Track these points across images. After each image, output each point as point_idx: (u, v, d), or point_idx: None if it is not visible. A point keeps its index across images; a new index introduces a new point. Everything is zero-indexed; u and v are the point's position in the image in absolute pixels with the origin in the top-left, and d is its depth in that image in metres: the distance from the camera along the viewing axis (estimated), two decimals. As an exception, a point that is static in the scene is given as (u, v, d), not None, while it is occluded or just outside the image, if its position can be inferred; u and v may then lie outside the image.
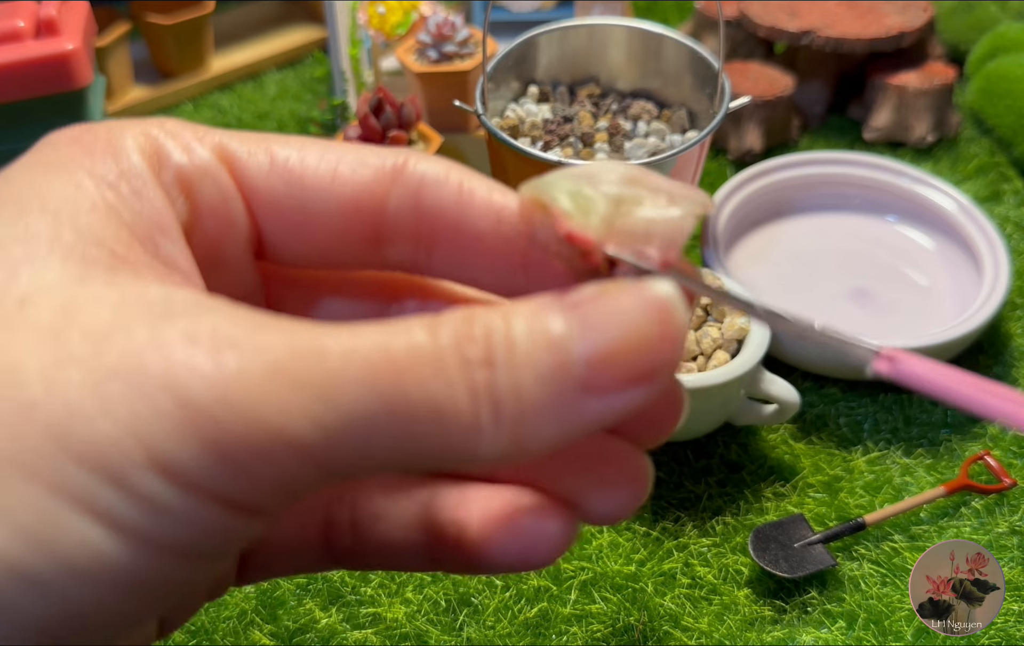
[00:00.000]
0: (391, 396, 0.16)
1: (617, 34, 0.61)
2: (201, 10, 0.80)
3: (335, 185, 0.21)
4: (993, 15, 0.82)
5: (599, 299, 0.18)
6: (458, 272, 0.22)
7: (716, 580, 0.46)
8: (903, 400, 0.55)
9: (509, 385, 0.17)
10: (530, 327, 0.17)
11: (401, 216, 0.21)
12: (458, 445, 0.17)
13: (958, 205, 0.61)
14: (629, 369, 0.17)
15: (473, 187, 0.21)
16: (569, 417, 0.17)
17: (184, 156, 0.20)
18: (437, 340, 0.17)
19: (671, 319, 0.18)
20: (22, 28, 0.59)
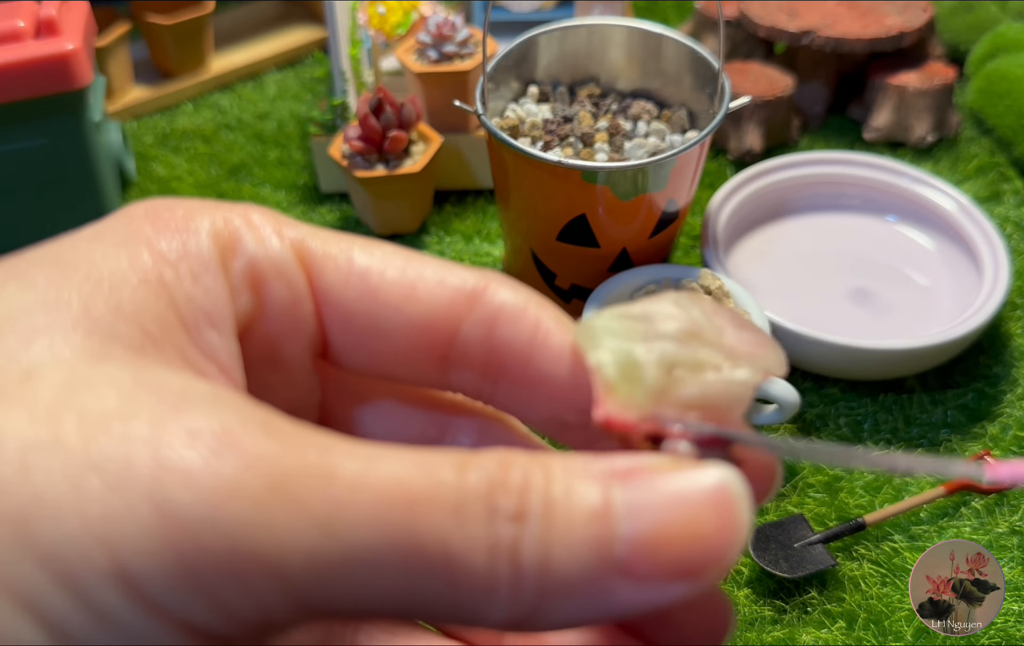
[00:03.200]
0: (399, 535, 0.15)
1: (617, 34, 0.61)
2: (201, 10, 0.80)
3: (409, 304, 0.20)
4: (993, 15, 0.82)
5: (654, 476, 0.16)
6: (521, 410, 0.21)
7: (716, 580, 0.46)
8: (903, 400, 0.55)
9: (537, 549, 0.15)
10: (573, 489, 0.16)
11: (472, 344, 0.20)
12: (466, 603, 0.15)
13: (958, 205, 0.61)
14: (675, 561, 0.16)
15: (550, 329, 0.20)
16: (597, 600, 0.16)
17: (260, 249, 0.19)
18: (464, 480, 0.15)
19: (731, 512, 0.16)
20: (22, 28, 0.59)
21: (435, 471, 0.15)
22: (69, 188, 0.64)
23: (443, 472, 0.15)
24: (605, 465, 0.16)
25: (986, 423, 0.53)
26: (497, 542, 0.15)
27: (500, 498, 0.15)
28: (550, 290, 0.59)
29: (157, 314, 0.17)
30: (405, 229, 0.67)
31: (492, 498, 0.15)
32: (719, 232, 0.60)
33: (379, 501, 0.15)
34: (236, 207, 0.20)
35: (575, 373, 0.20)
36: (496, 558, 0.15)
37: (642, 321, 0.19)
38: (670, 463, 0.16)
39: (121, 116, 0.79)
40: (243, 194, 0.72)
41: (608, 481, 0.16)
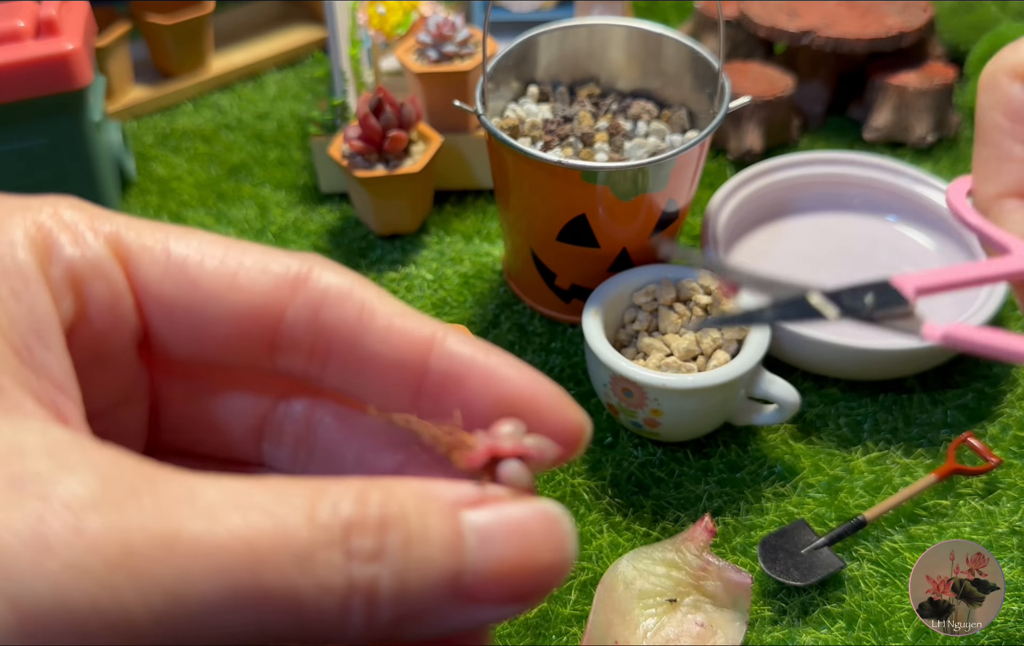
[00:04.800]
0: (244, 590, 0.15)
1: (617, 34, 0.61)
2: (201, 10, 0.80)
3: (231, 292, 0.20)
4: (993, 15, 0.82)
5: (498, 507, 0.18)
6: (350, 389, 0.22)
7: (716, 580, 0.46)
8: (903, 400, 0.55)
9: (394, 585, 0.16)
10: (428, 522, 0.17)
11: (298, 329, 0.21)
12: (319, 637, 0.16)
13: (958, 205, 0.61)
14: (514, 587, 0.17)
15: (375, 309, 0.21)
16: (443, 623, 0.17)
17: (76, 250, 0.19)
18: (314, 524, 0.16)
19: (562, 544, 0.18)
20: (22, 28, 0.59)
21: (283, 518, 0.16)
22: (69, 188, 0.64)
23: (291, 518, 0.16)
24: (455, 494, 0.18)
25: (986, 423, 0.53)
26: (352, 583, 0.16)
27: (356, 538, 0.16)
28: (550, 290, 0.59)
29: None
30: (405, 229, 0.67)
31: (348, 540, 0.16)
32: (719, 232, 0.60)
33: (222, 561, 0.15)
34: (45, 205, 0.19)
35: (399, 351, 0.21)
36: (351, 596, 0.16)
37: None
38: (510, 494, 0.18)
39: (121, 116, 0.79)
40: (243, 194, 0.72)
41: (458, 510, 0.17)
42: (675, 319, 0.53)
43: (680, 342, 0.51)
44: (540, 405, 0.21)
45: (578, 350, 0.58)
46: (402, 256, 0.66)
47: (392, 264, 0.65)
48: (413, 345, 0.21)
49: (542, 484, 0.51)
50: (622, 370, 0.48)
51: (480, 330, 0.60)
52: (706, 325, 0.29)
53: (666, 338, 0.52)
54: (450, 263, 0.65)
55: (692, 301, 0.53)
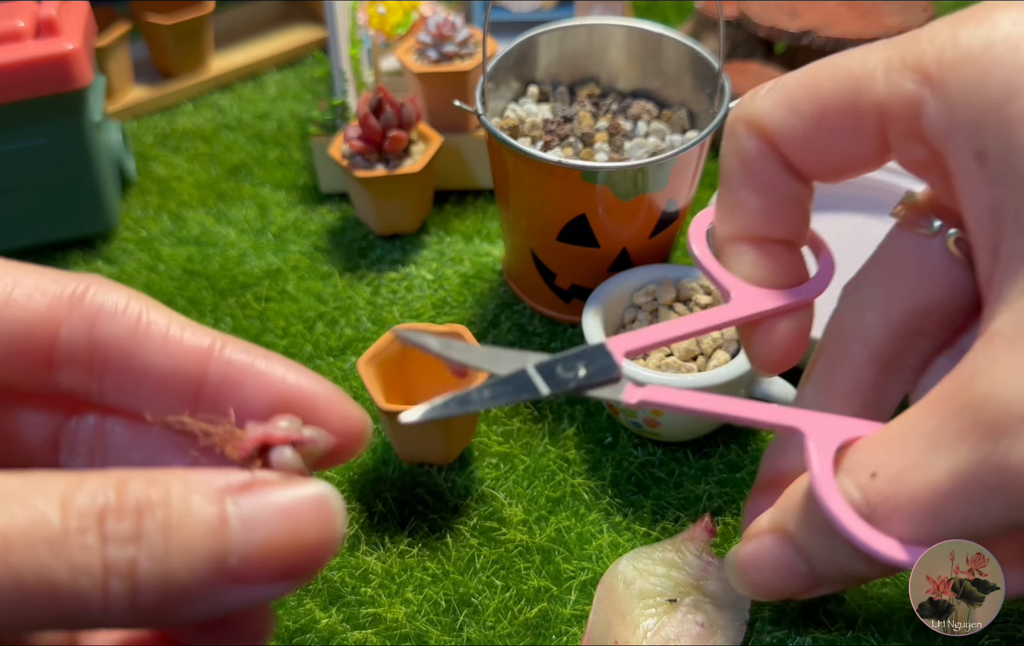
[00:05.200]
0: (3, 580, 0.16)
1: (617, 34, 0.61)
2: (201, 10, 0.80)
3: (5, 310, 0.21)
4: (993, 15, 0.82)
5: (265, 490, 0.18)
6: (130, 400, 0.22)
7: (716, 580, 0.46)
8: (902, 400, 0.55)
9: (155, 566, 0.17)
10: (191, 505, 0.17)
11: (74, 345, 0.21)
12: (80, 618, 0.17)
13: (958, 205, 0.61)
14: (281, 566, 0.18)
15: (151, 320, 0.21)
16: (212, 603, 0.17)
17: None
18: (68, 512, 0.16)
19: (330, 522, 0.18)
20: (22, 28, 0.59)
21: (35, 509, 0.16)
22: (69, 188, 0.64)
23: (46, 507, 0.16)
24: (222, 480, 0.18)
25: (986, 423, 0.53)
26: (109, 565, 0.16)
27: (112, 522, 0.17)
28: (550, 290, 0.59)
29: None
30: (405, 229, 0.67)
31: (103, 523, 0.17)
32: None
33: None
34: None
35: (177, 360, 0.21)
36: (109, 578, 0.16)
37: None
38: (280, 478, 0.19)
39: (121, 116, 0.79)
40: (243, 194, 0.72)
41: (224, 496, 0.18)
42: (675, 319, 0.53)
43: (680, 342, 0.51)
44: (318, 403, 0.21)
45: (578, 350, 0.58)
46: (402, 256, 0.66)
47: (392, 264, 0.65)
48: (190, 354, 0.21)
49: (543, 485, 0.51)
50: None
51: (480, 330, 0.60)
52: (429, 415, 0.27)
53: (666, 338, 0.52)
54: (450, 263, 0.65)
55: (692, 301, 0.53)
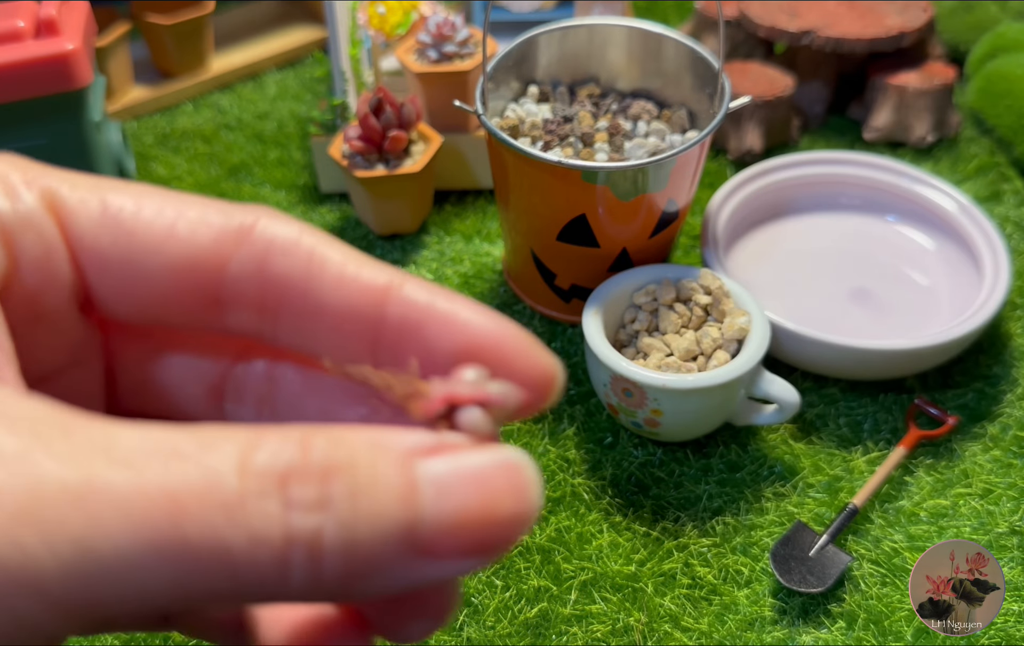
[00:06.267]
0: (162, 541, 0.14)
1: (617, 34, 0.61)
2: (201, 10, 0.80)
3: (169, 243, 0.19)
4: (993, 15, 0.82)
5: (456, 455, 0.16)
6: (304, 344, 0.20)
7: (716, 580, 0.46)
8: (903, 400, 0.55)
9: (341, 537, 0.15)
10: (378, 470, 0.16)
11: (243, 282, 0.19)
12: (256, 592, 0.15)
13: (958, 205, 0.61)
14: (473, 540, 0.16)
15: (325, 256, 0.19)
16: (397, 578, 0.16)
17: (7, 203, 0.18)
18: (247, 474, 0.15)
19: (524, 494, 0.16)
20: (22, 28, 0.59)
21: (212, 466, 0.15)
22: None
23: (222, 466, 0.15)
24: (409, 441, 0.16)
25: (986, 423, 0.53)
26: (291, 534, 0.15)
27: (296, 488, 0.15)
28: (550, 290, 0.59)
29: None
30: (405, 229, 0.67)
31: (285, 487, 0.15)
32: (719, 232, 0.60)
33: (139, 510, 0.14)
34: None
35: (353, 300, 0.19)
36: (291, 550, 0.15)
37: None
38: (469, 442, 0.17)
39: (121, 116, 0.79)
40: (243, 194, 0.72)
41: (412, 459, 0.16)
42: (675, 319, 0.53)
43: (680, 342, 0.51)
44: (505, 350, 0.19)
45: (578, 350, 0.58)
46: (402, 256, 0.66)
47: (392, 264, 0.65)
48: (367, 293, 0.19)
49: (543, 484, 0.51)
50: (622, 370, 0.48)
51: (480, 330, 0.60)
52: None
53: (666, 338, 0.52)
54: (450, 263, 0.65)
55: (692, 301, 0.53)
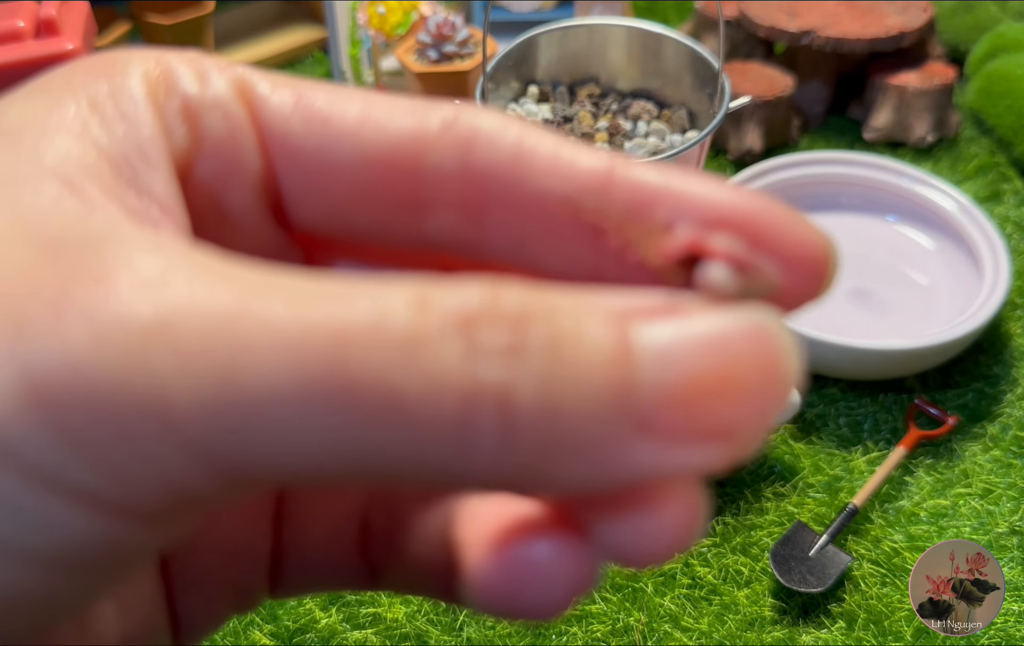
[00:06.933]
0: (323, 378, 0.12)
1: (617, 34, 0.61)
2: (201, 10, 0.80)
3: (364, 130, 0.17)
4: (993, 15, 0.82)
5: (685, 316, 0.13)
6: (517, 248, 0.17)
7: (716, 580, 0.46)
8: (903, 400, 0.55)
9: (538, 391, 0.12)
10: (584, 326, 0.13)
11: (445, 174, 0.16)
12: (433, 459, 0.12)
13: (958, 205, 0.61)
14: (709, 417, 0.13)
15: (536, 142, 0.16)
16: (610, 461, 0.13)
17: (196, 85, 0.17)
18: (425, 310, 0.12)
19: (776, 361, 0.13)
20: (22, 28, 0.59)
21: (384, 300, 0.12)
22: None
23: (393, 302, 0.12)
24: (625, 301, 0.13)
25: (986, 423, 0.53)
26: (477, 382, 0.12)
27: (485, 331, 0.12)
28: (550, 290, 0.59)
29: (76, 158, 0.15)
30: (405, 229, 0.67)
31: (471, 330, 0.12)
32: (719, 232, 0.60)
33: (298, 341, 0.12)
34: (173, 50, 0.17)
35: (572, 185, 0.16)
36: (476, 404, 0.12)
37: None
38: (704, 302, 0.13)
39: (121, 116, 0.79)
40: (243, 194, 0.72)
41: (628, 320, 0.13)
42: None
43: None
44: (762, 225, 0.15)
45: (578, 350, 0.58)
46: (402, 256, 0.66)
47: (392, 264, 0.65)
48: (586, 178, 0.16)
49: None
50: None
51: (480, 330, 0.60)
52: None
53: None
54: (450, 263, 0.65)
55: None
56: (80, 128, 0.16)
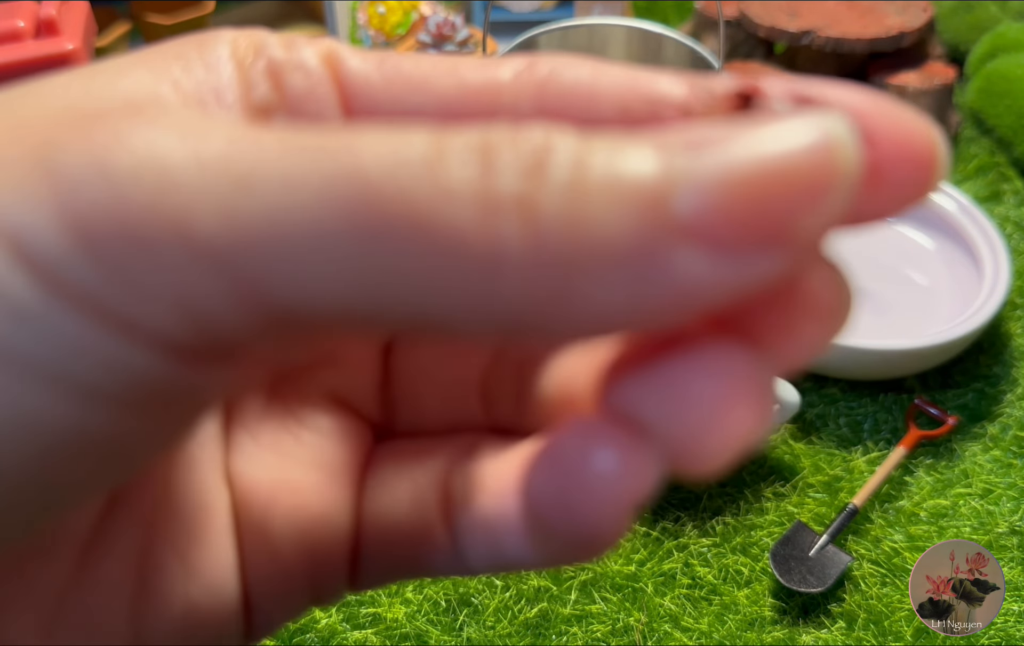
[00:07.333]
0: (345, 193, 0.11)
1: (617, 34, 0.61)
2: (201, 10, 0.80)
3: (442, 78, 0.16)
4: (993, 15, 0.82)
5: (734, 135, 0.12)
6: None
7: (716, 580, 0.46)
8: (903, 400, 0.55)
9: (563, 200, 0.11)
10: (617, 153, 0.12)
11: (521, 109, 0.16)
12: (456, 280, 0.12)
13: (958, 205, 0.61)
14: (757, 215, 0.11)
15: (611, 71, 0.16)
16: (650, 276, 0.11)
17: (283, 52, 0.17)
18: (442, 141, 0.12)
19: (831, 150, 0.11)
20: (22, 28, 0.59)
21: (403, 134, 0.12)
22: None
23: (412, 134, 0.12)
24: (670, 133, 0.12)
25: (986, 423, 0.53)
26: (496, 192, 0.11)
27: (505, 152, 0.12)
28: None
29: (152, 90, 0.15)
30: (405, 229, 0.67)
31: (491, 151, 0.12)
32: (719, 232, 0.60)
33: (317, 156, 0.12)
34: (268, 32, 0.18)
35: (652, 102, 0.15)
36: (496, 213, 0.11)
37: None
38: (754, 120, 0.12)
39: (121, 116, 0.79)
40: (243, 194, 0.72)
41: (671, 149, 0.12)
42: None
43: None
44: (865, 117, 0.13)
45: (578, 350, 0.58)
46: (402, 256, 0.66)
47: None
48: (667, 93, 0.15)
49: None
50: (622, 370, 0.48)
51: (480, 330, 0.60)
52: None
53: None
54: (450, 263, 0.65)
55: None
56: (161, 67, 0.16)
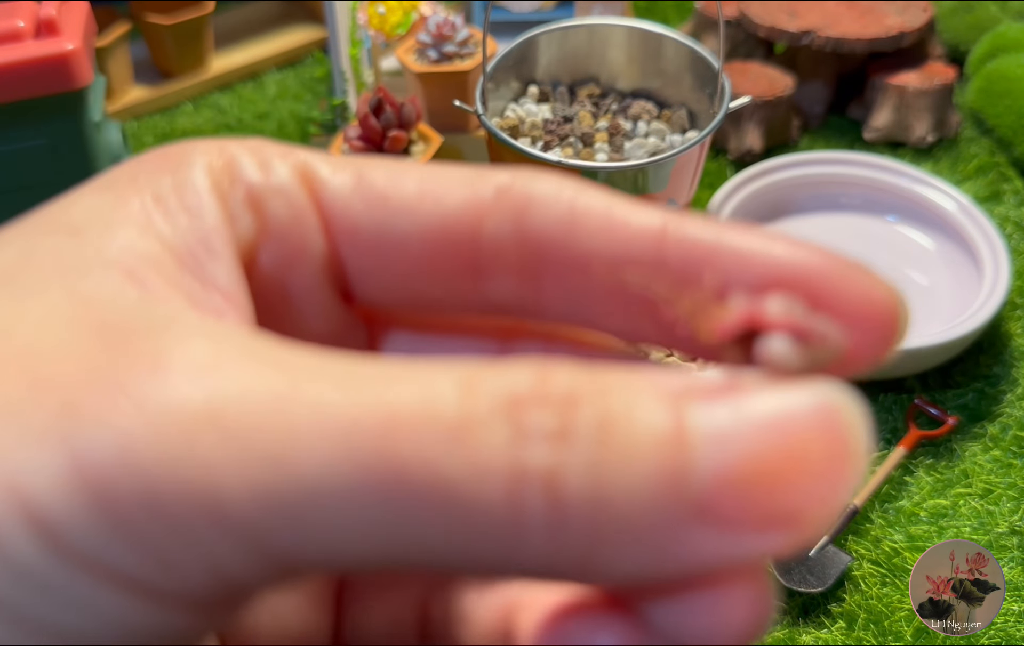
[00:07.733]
0: (371, 465, 0.12)
1: (617, 34, 0.61)
2: (201, 10, 0.80)
3: (423, 204, 0.17)
4: (993, 15, 0.82)
5: (743, 396, 0.12)
6: (574, 310, 0.17)
7: (716, 580, 0.46)
8: (903, 400, 0.55)
9: (588, 475, 0.12)
10: (635, 408, 0.12)
11: (501, 241, 0.17)
12: (482, 546, 0.12)
13: (958, 205, 0.61)
14: (770, 501, 0.12)
15: (588, 203, 0.16)
16: (666, 550, 0.12)
17: (259, 173, 0.17)
18: (472, 394, 0.12)
19: (843, 440, 0.12)
20: (22, 28, 0.59)
21: (431, 386, 0.12)
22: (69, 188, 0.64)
23: (441, 386, 0.12)
24: (679, 380, 0.13)
25: (986, 423, 0.53)
26: (523, 467, 0.12)
27: (532, 414, 0.12)
28: (550, 290, 0.59)
29: (141, 252, 0.15)
30: (405, 229, 0.67)
31: (518, 413, 0.12)
32: (719, 232, 0.60)
33: (346, 426, 0.12)
34: (235, 139, 0.18)
35: (626, 245, 0.16)
36: (522, 487, 0.12)
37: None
38: (766, 378, 0.13)
39: (121, 116, 0.79)
40: (243, 194, 0.72)
41: (683, 401, 0.12)
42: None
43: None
44: (825, 280, 0.14)
45: (578, 350, 0.58)
46: (402, 256, 0.66)
47: (392, 264, 0.65)
48: (640, 237, 0.16)
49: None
50: (622, 370, 0.48)
51: (480, 330, 0.60)
52: None
53: (666, 338, 0.52)
54: (450, 263, 0.65)
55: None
56: (144, 221, 0.16)
